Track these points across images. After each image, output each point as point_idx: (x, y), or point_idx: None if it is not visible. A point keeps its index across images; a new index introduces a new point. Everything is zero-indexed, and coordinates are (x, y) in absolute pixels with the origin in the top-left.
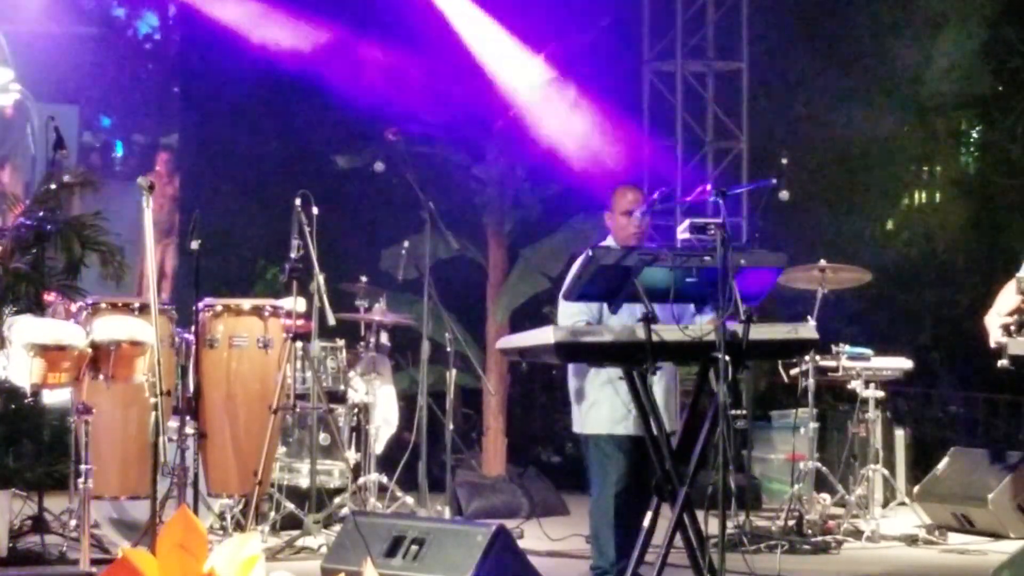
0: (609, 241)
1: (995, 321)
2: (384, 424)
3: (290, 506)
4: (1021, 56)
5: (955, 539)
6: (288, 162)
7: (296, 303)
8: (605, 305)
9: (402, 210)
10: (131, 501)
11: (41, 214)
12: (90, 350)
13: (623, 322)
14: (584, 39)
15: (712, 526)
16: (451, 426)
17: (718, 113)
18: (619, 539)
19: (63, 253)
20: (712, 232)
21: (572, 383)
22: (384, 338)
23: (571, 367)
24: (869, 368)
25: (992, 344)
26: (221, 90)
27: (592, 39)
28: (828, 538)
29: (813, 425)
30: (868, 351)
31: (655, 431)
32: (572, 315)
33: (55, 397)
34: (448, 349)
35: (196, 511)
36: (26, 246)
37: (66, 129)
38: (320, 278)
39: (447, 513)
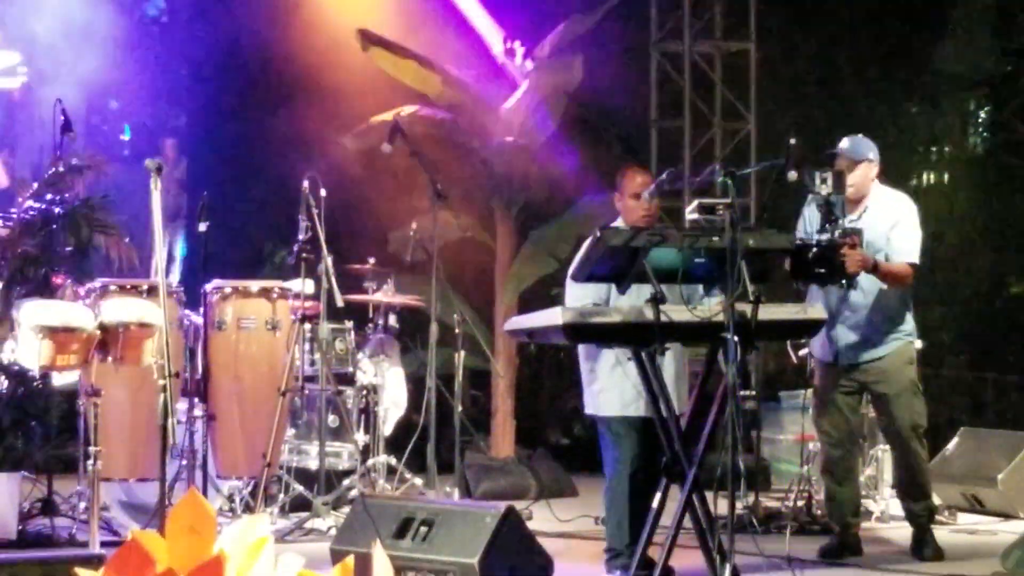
0: (619, 223)
1: None
2: (393, 406)
3: (299, 488)
4: None
5: (965, 519)
6: (296, 144)
7: (304, 285)
8: (613, 286)
9: (410, 192)
10: (140, 483)
11: (49, 197)
12: (99, 332)
13: (631, 303)
14: (591, 19)
15: (721, 507)
16: (460, 408)
17: (726, 94)
18: (633, 520)
19: (71, 236)
20: (721, 213)
21: (583, 365)
22: (392, 320)
23: (582, 349)
24: None
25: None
26: (229, 73)
27: (599, 19)
28: None
29: None
30: None
31: (664, 412)
32: (580, 296)
33: (64, 379)
34: (456, 331)
35: (205, 493)
36: (34, 229)
37: (73, 112)
38: (328, 260)
39: (456, 495)
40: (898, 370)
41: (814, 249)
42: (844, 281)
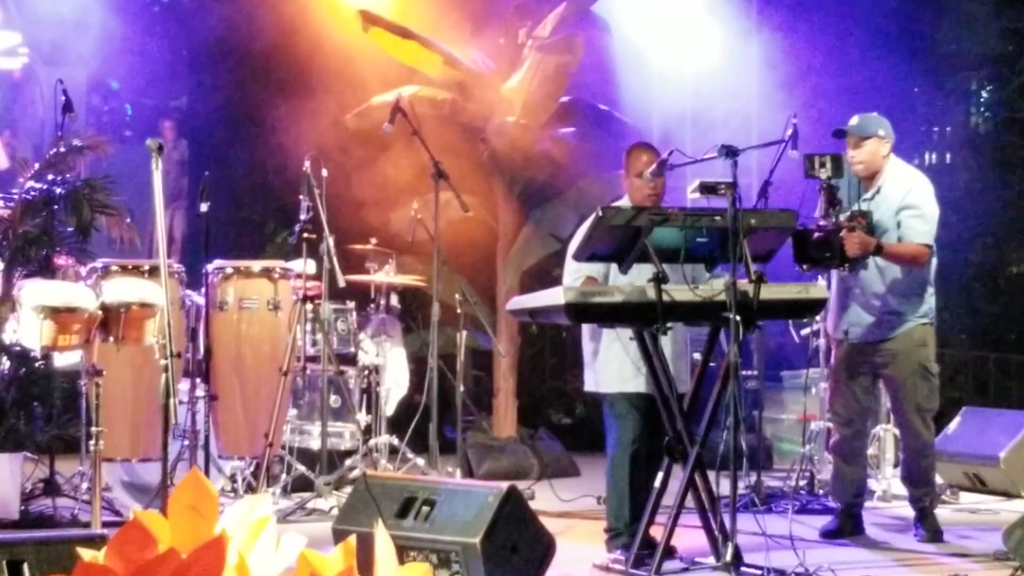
0: (624, 202)
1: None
2: (394, 386)
3: (301, 468)
4: None
5: (967, 498)
6: (298, 124)
7: (306, 265)
8: (612, 265)
9: (412, 171)
10: (142, 463)
11: (50, 177)
12: (100, 312)
13: (630, 281)
14: None
15: (723, 487)
16: (462, 388)
17: (728, 72)
18: (634, 499)
19: (72, 216)
20: (722, 192)
21: (587, 345)
22: (394, 300)
23: (586, 329)
24: None
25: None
26: (230, 53)
27: None
28: None
29: (824, 385)
30: None
31: (666, 392)
32: (577, 275)
33: (65, 360)
34: (458, 311)
35: (207, 473)
36: (36, 209)
37: (74, 92)
38: (330, 240)
39: (458, 474)
40: (907, 352)
41: (816, 234)
42: (846, 265)
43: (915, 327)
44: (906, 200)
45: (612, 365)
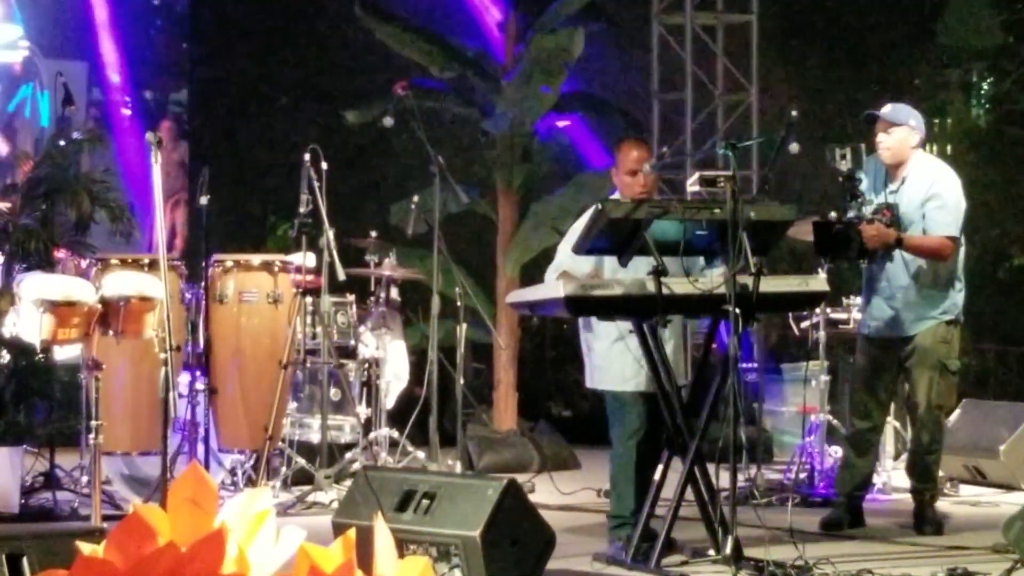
0: (616, 198)
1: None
2: (395, 379)
3: (301, 461)
4: None
5: (967, 491)
6: (298, 118)
7: (306, 258)
8: (604, 260)
9: (411, 165)
10: (142, 457)
11: (50, 170)
12: (100, 306)
13: (629, 275)
14: None
15: (723, 479)
16: (462, 381)
17: (728, 66)
18: (638, 489)
19: (72, 209)
20: (722, 185)
21: (584, 338)
22: (394, 293)
23: (582, 322)
24: None
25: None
26: (230, 47)
27: None
28: None
29: (824, 378)
30: None
31: (666, 385)
32: (556, 267)
33: (65, 353)
34: (458, 304)
35: (207, 466)
36: (35, 202)
37: (75, 86)
38: (330, 233)
39: (458, 468)
40: (925, 349)
41: (836, 226)
42: (865, 257)
43: (937, 324)
44: (930, 191)
45: (615, 363)
